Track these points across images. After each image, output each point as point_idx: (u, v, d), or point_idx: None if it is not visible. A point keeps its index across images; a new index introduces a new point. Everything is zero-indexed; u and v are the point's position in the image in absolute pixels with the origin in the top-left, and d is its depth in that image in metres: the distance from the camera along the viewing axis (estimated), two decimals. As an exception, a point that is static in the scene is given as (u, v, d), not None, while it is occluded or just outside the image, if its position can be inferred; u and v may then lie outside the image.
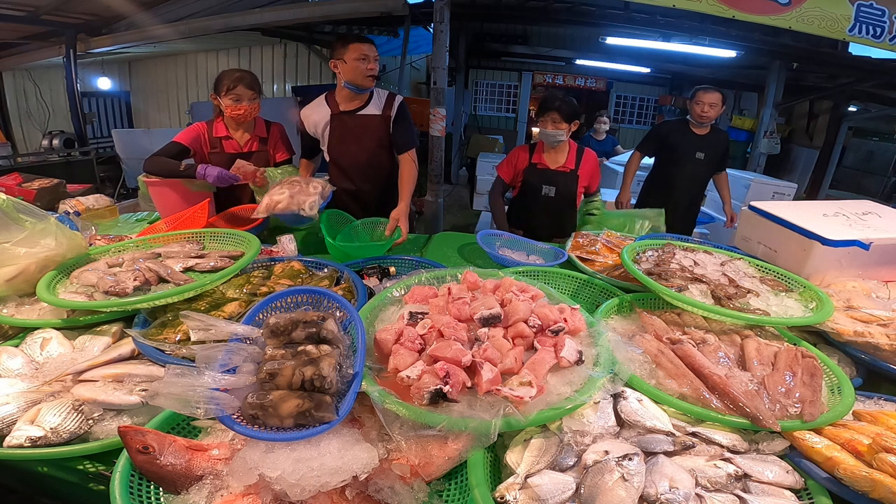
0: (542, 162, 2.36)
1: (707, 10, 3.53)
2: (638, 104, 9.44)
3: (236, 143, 2.12)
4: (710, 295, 1.28)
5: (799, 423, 0.88)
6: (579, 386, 0.91)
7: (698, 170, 3.05)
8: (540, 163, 2.36)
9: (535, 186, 2.38)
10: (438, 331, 0.98)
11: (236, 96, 1.98)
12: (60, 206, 2.18)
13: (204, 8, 4.61)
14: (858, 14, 3.60)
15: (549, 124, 2.24)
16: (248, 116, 2.05)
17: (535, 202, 2.40)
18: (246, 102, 2.00)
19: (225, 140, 2.11)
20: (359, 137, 2.17)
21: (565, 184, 2.35)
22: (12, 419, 0.88)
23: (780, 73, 5.40)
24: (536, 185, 2.38)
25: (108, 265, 1.36)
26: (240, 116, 2.03)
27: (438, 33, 3.78)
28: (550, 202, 2.37)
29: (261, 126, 2.18)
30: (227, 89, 1.97)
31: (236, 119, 2.06)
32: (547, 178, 2.36)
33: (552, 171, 2.35)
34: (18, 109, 6.71)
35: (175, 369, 0.80)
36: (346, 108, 2.14)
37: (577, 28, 6.70)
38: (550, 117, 2.23)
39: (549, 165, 2.35)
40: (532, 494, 0.75)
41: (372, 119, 2.16)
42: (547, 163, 2.36)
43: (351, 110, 2.14)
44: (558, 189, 2.35)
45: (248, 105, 2.00)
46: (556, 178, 2.35)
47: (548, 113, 2.23)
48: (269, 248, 1.65)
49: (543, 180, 2.36)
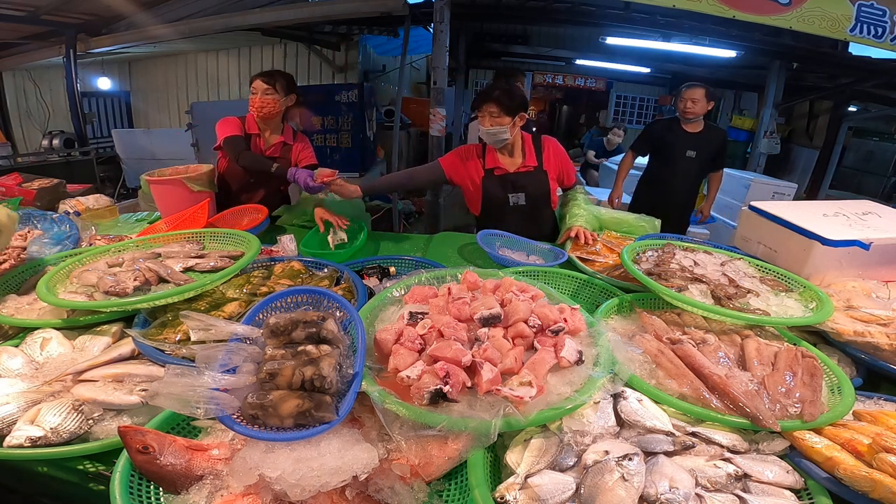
0: (499, 166, 1.96)
1: (707, 10, 3.53)
2: (638, 104, 9.44)
3: (263, 142, 2.19)
4: (710, 295, 1.28)
5: (799, 423, 0.88)
6: (579, 386, 0.91)
7: (690, 168, 3.06)
8: (497, 167, 1.97)
9: (500, 197, 1.98)
10: (438, 331, 0.98)
11: (253, 89, 2.05)
12: (60, 206, 2.18)
13: (204, 8, 4.60)
14: (859, 14, 3.59)
15: (487, 119, 1.82)
16: (261, 111, 2.08)
17: (503, 215, 2.01)
18: (259, 96, 2.05)
19: (255, 137, 2.17)
20: None
21: (534, 185, 1.97)
22: (12, 419, 0.88)
23: (780, 73, 5.39)
24: (500, 196, 1.98)
25: (108, 265, 1.36)
26: (254, 110, 2.08)
27: (438, 33, 3.78)
28: (522, 211, 2.00)
29: (288, 133, 2.23)
30: (249, 83, 2.07)
31: (254, 113, 2.11)
32: (510, 184, 1.97)
33: (513, 174, 1.96)
34: (18, 109, 6.71)
35: (175, 369, 0.80)
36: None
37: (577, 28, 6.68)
38: (487, 111, 1.81)
39: (508, 168, 1.97)
40: (532, 494, 0.75)
41: None
42: (505, 166, 1.97)
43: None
44: (527, 193, 1.97)
45: (260, 99, 2.05)
46: (521, 181, 1.97)
47: (484, 105, 1.81)
48: (269, 248, 1.65)
49: (507, 188, 1.97)
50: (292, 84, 2.16)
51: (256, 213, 2.01)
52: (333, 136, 5.49)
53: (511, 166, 1.98)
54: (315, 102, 5.42)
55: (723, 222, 4.55)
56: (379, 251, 1.94)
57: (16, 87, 6.65)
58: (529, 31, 7.24)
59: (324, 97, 5.39)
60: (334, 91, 5.40)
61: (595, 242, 1.87)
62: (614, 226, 2.07)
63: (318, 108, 5.41)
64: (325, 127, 5.47)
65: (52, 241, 1.60)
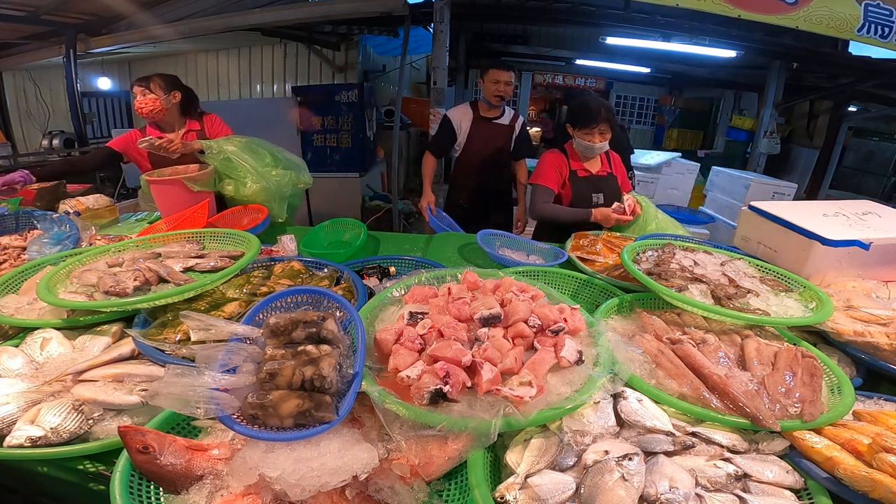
0: (583, 168, 2.25)
1: (712, 10, 3.50)
2: (638, 104, 9.44)
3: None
4: (710, 295, 1.28)
5: (799, 423, 0.88)
6: (579, 386, 0.91)
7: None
8: (580, 169, 2.25)
9: (585, 195, 2.23)
10: (438, 331, 0.98)
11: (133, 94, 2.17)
12: (60, 206, 2.18)
13: (204, 8, 4.60)
14: (867, 14, 3.57)
15: (598, 136, 2.11)
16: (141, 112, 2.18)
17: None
18: (137, 98, 2.16)
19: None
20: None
21: (609, 188, 2.25)
22: (12, 419, 0.88)
23: (780, 73, 5.39)
24: (585, 194, 2.23)
25: (108, 265, 1.36)
26: (141, 115, 2.19)
27: (438, 33, 3.78)
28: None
29: (194, 123, 2.28)
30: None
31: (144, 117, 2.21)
32: (593, 185, 2.24)
33: (595, 176, 2.25)
34: (18, 109, 6.70)
35: (175, 369, 0.80)
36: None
37: (577, 28, 6.68)
38: (599, 129, 2.10)
39: (591, 171, 2.26)
40: (532, 494, 0.75)
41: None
42: (588, 168, 2.26)
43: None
44: (606, 195, 2.21)
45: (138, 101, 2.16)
46: (601, 183, 2.24)
47: (597, 125, 2.08)
48: (269, 248, 1.65)
49: (590, 188, 2.23)
50: (173, 83, 2.23)
51: (256, 213, 2.01)
52: (333, 136, 5.49)
53: (592, 169, 2.28)
54: (315, 102, 5.42)
55: (723, 222, 4.55)
56: (379, 251, 1.94)
57: (16, 87, 6.64)
58: (529, 31, 7.24)
59: (324, 97, 5.39)
60: (334, 91, 5.40)
61: (595, 242, 1.86)
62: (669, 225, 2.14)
63: (318, 108, 5.42)
64: (325, 127, 5.47)
65: (52, 241, 1.60)
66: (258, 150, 2.06)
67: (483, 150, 2.83)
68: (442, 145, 2.92)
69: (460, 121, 2.83)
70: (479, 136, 2.81)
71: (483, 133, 2.81)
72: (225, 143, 2.05)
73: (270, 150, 2.10)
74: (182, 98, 2.25)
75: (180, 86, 2.26)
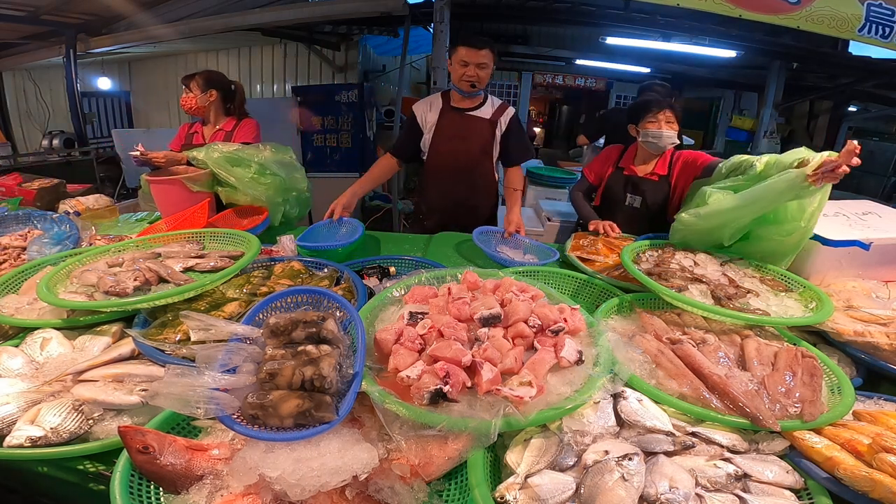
0: (630, 167, 2.08)
1: (713, 10, 3.49)
2: (638, 104, 9.44)
3: (202, 137, 2.33)
4: (710, 295, 1.28)
5: (799, 423, 0.88)
6: (579, 386, 0.91)
7: None
8: (627, 168, 2.09)
9: (617, 193, 2.09)
10: (438, 331, 0.98)
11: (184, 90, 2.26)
12: (60, 206, 2.19)
13: (204, 8, 4.60)
14: (869, 14, 3.56)
15: (663, 123, 1.92)
16: (185, 109, 2.28)
17: (615, 212, 2.08)
18: (182, 95, 2.25)
19: (195, 135, 2.35)
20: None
21: (653, 193, 2.03)
22: (12, 419, 0.88)
23: (780, 73, 5.39)
24: (618, 192, 2.09)
25: (108, 265, 1.36)
26: (185, 108, 2.28)
27: (438, 33, 3.78)
28: (635, 214, 2.06)
29: (230, 122, 2.33)
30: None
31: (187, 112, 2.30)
32: (632, 185, 2.07)
33: (639, 178, 2.06)
34: (18, 109, 6.70)
35: (175, 369, 0.80)
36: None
37: (577, 28, 6.68)
38: (664, 116, 1.92)
39: (637, 172, 2.06)
40: (532, 494, 0.75)
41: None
42: (635, 168, 2.07)
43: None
44: (645, 200, 2.04)
45: (182, 99, 2.26)
46: (643, 186, 2.04)
47: (661, 111, 1.92)
48: (269, 248, 1.65)
49: (628, 188, 2.07)
50: (212, 82, 2.28)
51: (256, 213, 2.01)
52: (333, 136, 5.49)
53: (641, 171, 2.06)
54: (315, 102, 5.42)
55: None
56: (379, 251, 1.94)
57: (16, 87, 6.64)
58: (529, 31, 7.24)
59: (324, 97, 5.40)
60: (334, 91, 5.40)
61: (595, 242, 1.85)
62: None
63: (318, 108, 5.42)
64: (325, 127, 5.47)
65: (52, 241, 1.60)
66: (243, 160, 1.98)
67: (453, 150, 2.18)
68: (402, 145, 2.32)
69: (425, 113, 2.19)
70: (448, 132, 2.16)
71: (453, 127, 2.15)
72: (208, 153, 1.97)
73: (259, 160, 2.00)
74: (220, 96, 2.29)
75: (220, 84, 2.30)
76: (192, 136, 2.38)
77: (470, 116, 2.15)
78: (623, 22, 4.79)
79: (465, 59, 1.98)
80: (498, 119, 2.16)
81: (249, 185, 1.97)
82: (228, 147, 1.99)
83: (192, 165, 2.03)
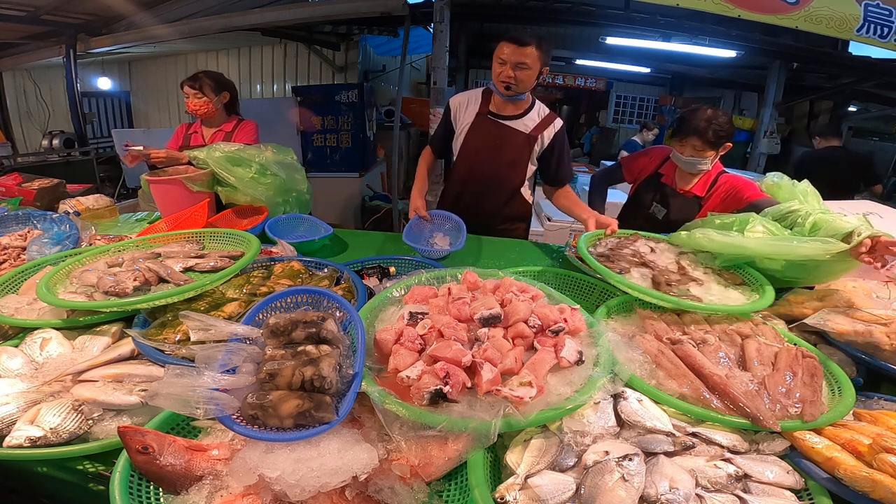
0: (670, 177, 1.94)
1: (712, 10, 3.50)
2: (638, 104, 9.45)
3: (201, 137, 2.34)
4: (650, 279, 1.30)
5: (799, 424, 0.88)
6: (579, 386, 0.91)
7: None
8: (667, 175, 1.95)
9: (645, 199, 1.98)
10: (438, 331, 0.98)
11: (185, 94, 2.24)
12: (60, 206, 2.18)
13: (204, 8, 4.61)
14: (867, 14, 3.57)
15: (689, 149, 1.78)
16: (196, 114, 2.28)
17: (636, 216, 2.00)
18: (190, 100, 2.24)
19: (194, 135, 2.36)
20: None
21: (680, 209, 1.89)
22: (12, 419, 0.87)
23: (780, 73, 5.39)
24: (645, 199, 1.98)
25: (108, 265, 1.36)
26: (191, 113, 2.27)
27: (438, 33, 3.78)
28: (655, 223, 1.92)
29: (230, 123, 2.34)
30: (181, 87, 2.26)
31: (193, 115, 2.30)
32: (662, 195, 1.94)
33: (672, 189, 1.92)
34: (18, 109, 6.70)
35: (175, 369, 0.80)
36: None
37: (577, 28, 6.69)
38: (690, 143, 1.77)
39: (675, 184, 1.92)
40: (532, 495, 0.75)
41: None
42: (675, 180, 1.93)
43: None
44: (669, 213, 1.91)
45: (192, 103, 2.23)
46: (673, 199, 1.92)
47: (686, 138, 1.77)
48: (269, 248, 1.65)
49: (656, 196, 1.95)
50: (222, 84, 2.29)
51: (256, 213, 2.01)
52: (333, 136, 5.50)
53: (681, 184, 1.91)
54: (315, 102, 5.42)
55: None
56: (379, 251, 1.94)
57: (16, 87, 6.64)
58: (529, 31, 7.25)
59: (324, 97, 5.40)
60: (334, 91, 5.40)
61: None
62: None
63: (318, 108, 5.42)
64: (325, 127, 5.47)
65: (52, 241, 1.60)
66: (244, 161, 1.98)
67: (482, 160, 1.98)
68: (436, 139, 2.17)
69: (461, 111, 2.01)
70: (478, 141, 1.97)
71: (484, 136, 1.95)
72: (210, 153, 1.97)
73: (261, 160, 1.99)
74: (230, 98, 2.32)
75: (229, 85, 2.34)
76: (190, 136, 2.38)
77: (505, 127, 1.93)
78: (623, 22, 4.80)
79: (503, 56, 1.78)
80: (539, 134, 1.93)
81: (249, 185, 1.97)
82: (230, 147, 1.99)
83: (194, 165, 2.03)
